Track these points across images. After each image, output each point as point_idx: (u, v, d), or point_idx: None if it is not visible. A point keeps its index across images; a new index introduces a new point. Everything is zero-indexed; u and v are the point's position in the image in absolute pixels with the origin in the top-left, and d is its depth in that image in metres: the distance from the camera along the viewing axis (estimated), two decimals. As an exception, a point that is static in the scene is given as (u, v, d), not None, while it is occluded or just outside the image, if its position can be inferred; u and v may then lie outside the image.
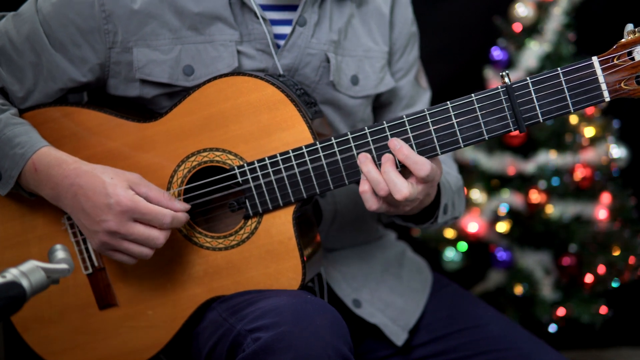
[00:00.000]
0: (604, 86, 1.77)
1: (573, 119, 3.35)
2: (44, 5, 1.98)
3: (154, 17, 1.95)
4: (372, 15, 2.16)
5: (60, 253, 1.50)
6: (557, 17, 3.39)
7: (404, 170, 1.83)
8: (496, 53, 3.46)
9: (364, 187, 1.84)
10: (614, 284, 3.31)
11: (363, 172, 1.83)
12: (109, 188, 1.84)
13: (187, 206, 1.92)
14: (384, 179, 1.80)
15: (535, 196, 3.28)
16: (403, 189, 1.79)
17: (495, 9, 3.50)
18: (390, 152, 1.84)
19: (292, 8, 2.06)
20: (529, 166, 3.33)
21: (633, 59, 1.75)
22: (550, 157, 3.29)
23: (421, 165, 1.80)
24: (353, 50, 2.12)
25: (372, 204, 1.84)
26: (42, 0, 1.99)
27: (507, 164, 3.36)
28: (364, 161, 1.83)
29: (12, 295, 1.38)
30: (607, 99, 1.77)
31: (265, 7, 2.03)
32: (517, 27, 3.44)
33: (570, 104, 1.79)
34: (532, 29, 3.42)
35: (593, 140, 3.36)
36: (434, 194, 1.92)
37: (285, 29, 2.05)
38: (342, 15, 2.10)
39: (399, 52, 2.22)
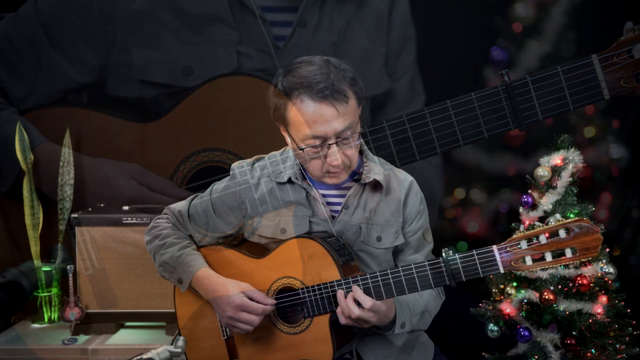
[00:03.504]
0: (603, 84, 1.77)
1: (573, 119, 3.34)
2: (44, 7, 1.98)
3: (153, 17, 1.96)
4: (371, 16, 2.16)
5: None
6: (557, 17, 3.39)
7: None
8: (496, 53, 3.45)
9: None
10: (614, 284, 3.30)
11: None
12: (112, 180, 1.87)
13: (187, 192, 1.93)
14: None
15: (535, 196, 3.27)
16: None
17: (495, 9, 3.49)
18: None
19: (293, 10, 2.06)
20: (529, 166, 3.32)
21: (632, 56, 1.75)
22: (550, 157, 3.29)
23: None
24: (352, 52, 2.12)
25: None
26: (41, 1, 2.00)
27: (507, 164, 3.36)
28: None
29: (12, 295, 1.39)
30: (607, 97, 1.78)
31: (265, 9, 2.03)
32: (517, 27, 3.43)
33: (570, 102, 1.79)
34: (532, 29, 3.41)
35: (593, 140, 3.36)
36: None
37: (286, 31, 2.05)
38: (343, 16, 2.10)
39: (395, 53, 2.22)
